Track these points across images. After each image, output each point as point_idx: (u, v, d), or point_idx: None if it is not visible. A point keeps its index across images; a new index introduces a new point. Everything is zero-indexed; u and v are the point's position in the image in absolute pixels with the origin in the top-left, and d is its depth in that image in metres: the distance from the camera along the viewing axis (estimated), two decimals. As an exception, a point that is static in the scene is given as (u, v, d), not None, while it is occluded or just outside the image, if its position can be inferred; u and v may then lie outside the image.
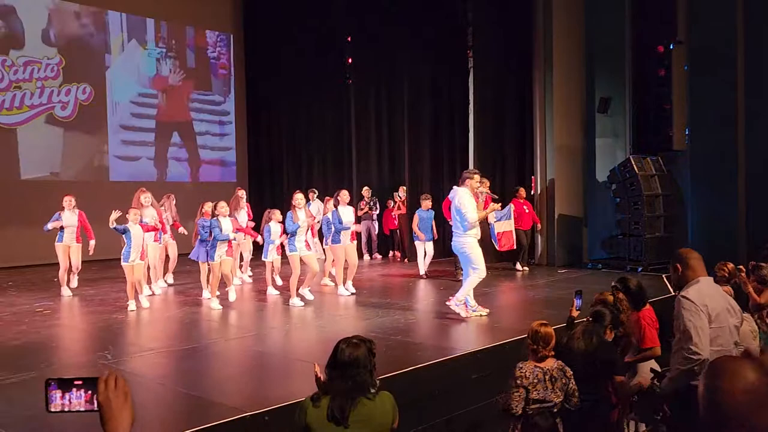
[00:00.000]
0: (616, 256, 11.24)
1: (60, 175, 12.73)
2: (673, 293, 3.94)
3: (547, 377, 3.70)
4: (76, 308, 8.27)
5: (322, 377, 3.00)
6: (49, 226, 8.66)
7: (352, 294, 8.83)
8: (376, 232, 13.17)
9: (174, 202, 9.74)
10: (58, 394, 1.55)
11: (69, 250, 8.71)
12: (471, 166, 12.38)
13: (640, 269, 10.34)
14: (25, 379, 5.03)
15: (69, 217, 8.67)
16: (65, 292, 8.79)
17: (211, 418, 4.03)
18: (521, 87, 11.90)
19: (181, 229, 9.50)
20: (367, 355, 2.86)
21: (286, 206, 8.98)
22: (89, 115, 13.24)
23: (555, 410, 3.67)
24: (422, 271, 10.29)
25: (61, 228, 8.65)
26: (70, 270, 8.82)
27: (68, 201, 8.76)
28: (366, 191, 12.97)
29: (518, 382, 3.65)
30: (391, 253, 13.40)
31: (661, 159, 11.20)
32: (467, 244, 7.07)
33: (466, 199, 6.98)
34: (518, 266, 11.01)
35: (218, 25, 15.20)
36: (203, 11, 14.78)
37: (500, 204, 7.91)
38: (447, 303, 7.25)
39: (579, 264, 11.46)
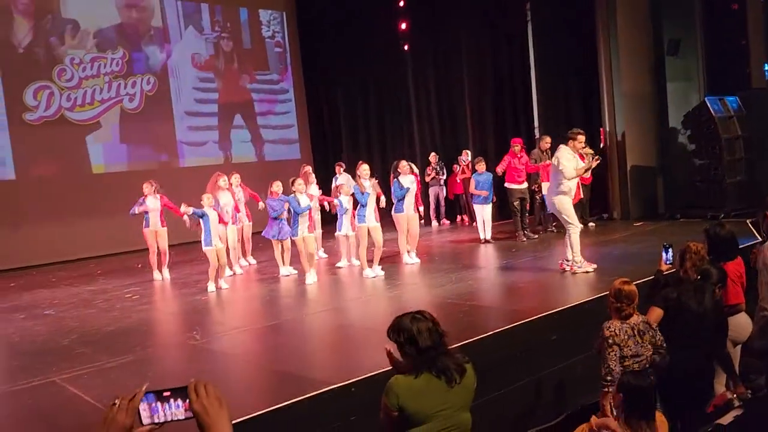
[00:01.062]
0: (695, 204, 10.77)
1: (133, 166, 13.24)
2: (761, 239, 3.77)
3: (636, 332, 3.67)
4: (162, 292, 8.65)
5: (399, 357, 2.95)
6: (136, 210, 8.97)
7: (415, 263, 8.83)
8: (444, 197, 13.12)
9: (239, 181, 9.81)
10: (146, 407, 1.56)
11: (156, 235, 9.05)
12: (536, 122, 12.10)
13: (722, 216, 9.88)
14: (123, 362, 5.32)
15: (152, 201, 8.99)
16: (156, 276, 9.17)
17: (300, 391, 4.15)
18: (584, 35, 11.40)
19: (261, 204, 9.60)
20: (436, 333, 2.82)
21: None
22: (156, 104, 13.66)
23: (647, 365, 3.62)
24: (482, 236, 10.15)
25: (146, 213, 8.99)
26: (158, 254, 9.16)
27: (148, 186, 9.01)
28: (433, 157, 12.88)
29: (610, 341, 3.60)
30: (458, 218, 13.32)
31: (740, 99, 10.58)
32: (558, 201, 7.15)
33: (566, 157, 7.04)
34: (590, 224, 10.81)
35: (270, 3, 15.25)
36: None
37: (599, 159, 7.84)
38: (563, 269, 7.33)
39: (656, 216, 11.06)
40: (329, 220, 10.47)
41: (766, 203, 3.43)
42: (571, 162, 7.06)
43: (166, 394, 1.56)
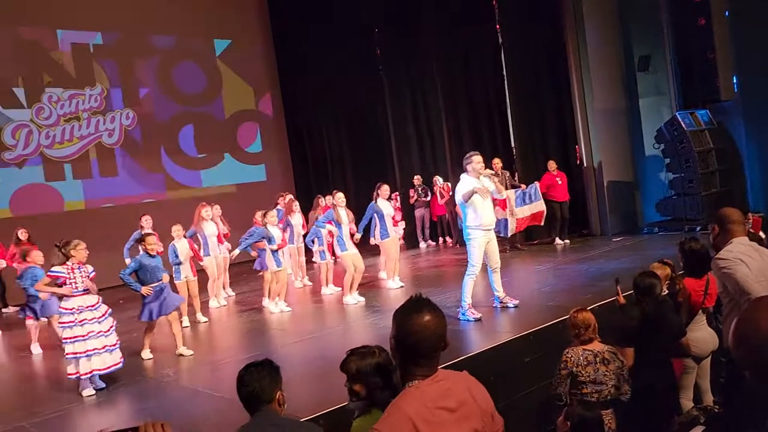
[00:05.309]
0: (672, 218, 10.87)
1: (115, 200, 13.21)
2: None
3: (598, 359, 3.66)
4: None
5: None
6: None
7: (398, 287, 8.85)
8: (429, 218, 13.23)
9: (220, 212, 9.82)
10: None
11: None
12: (512, 142, 12.21)
13: (698, 228, 9.97)
14: (97, 400, 5.27)
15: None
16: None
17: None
18: (555, 53, 11.56)
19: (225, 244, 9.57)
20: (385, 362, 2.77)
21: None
22: (136, 138, 13.68)
23: (608, 397, 3.61)
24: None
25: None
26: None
27: (146, 220, 9.01)
28: (417, 179, 13.05)
29: (562, 365, 3.62)
30: (440, 239, 13.38)
31: (710, 112, 10.74)
32: (469, 236, 6.61)
33: (462, 183, 6.57)
34: (557, 240, 10.93)
35: (246, 36, 15.37)
36: (229, 24, 14.98)
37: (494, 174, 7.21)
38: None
39: (634, 230, 11.15)
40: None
41: (716, 216, 3.46)
42: (467, 186, 6.47)
43: None
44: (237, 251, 8.21)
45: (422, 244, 13.18)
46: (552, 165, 11.04)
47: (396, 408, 1.84)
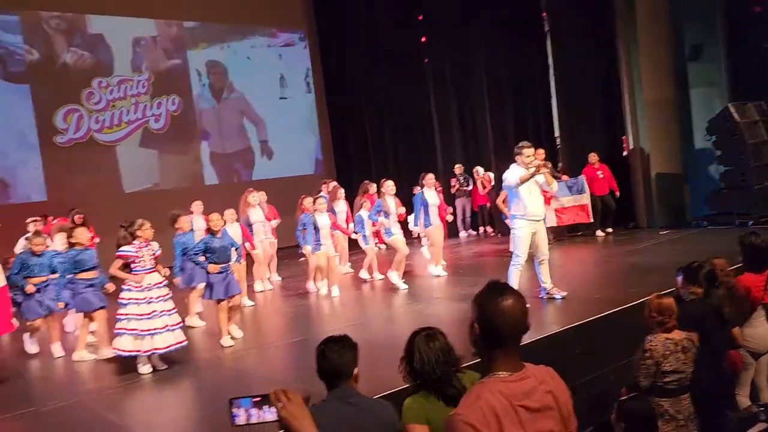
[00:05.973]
0: (722, 211, 10.59)
1: (160, 185, 13.50)
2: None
3: (679, 348, 3.61)
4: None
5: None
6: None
7: (441, 275, 8.86)
8: (470, 208, 13.18)
9: (265, 198, 9.94)
10: (240, 411, 1.72)
11: None
12: (557, 132, 12.05)
13: (750, 223, 9.71)
14: (163, 375, 5.41)
15: (198, 221, 9.15)
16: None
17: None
18: (603, 42, 11.33)
19: (274, 222, 9.70)
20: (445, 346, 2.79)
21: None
22: (180, 124, 13.93)
23: (687, 383, 3.58)
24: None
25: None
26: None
27: (197, 206, 9.18)
28: (458, 168, 13.00)
29: (647, 355, 3.56)
30: (481, 229, 13.32)
31: (765, 103, 10.41)
32: (514, 225, 6.62)
33: (510, 171, 6.55)
34: (598, 232, 10.79)
35: (290, 24, 15.47)
36: (274, 13, 15.09)
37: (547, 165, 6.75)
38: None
39: (682, 224, 10.91)
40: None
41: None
42: (516, 175, 6.44)
43: (256, 399, 1.72)
44: (308, 247, 8.19)
45: (462, 234, 13.14)
46: (593, 157, 10.85)
47: (479, 397, 1.83)
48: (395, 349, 5.34)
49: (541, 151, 10.53)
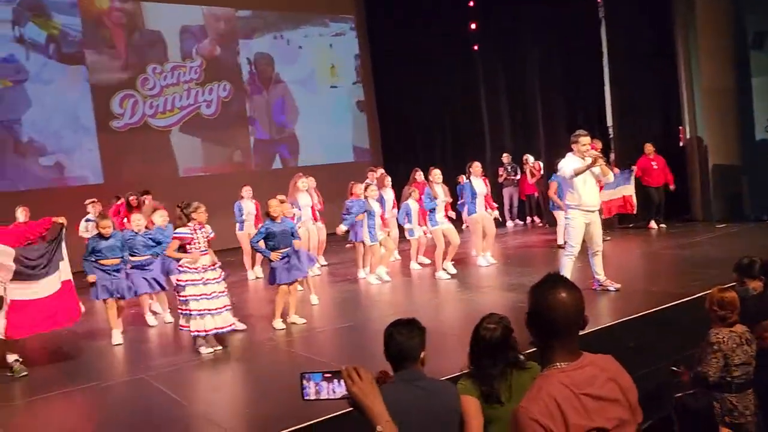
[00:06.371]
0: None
1: (210, 169, 13.75)
2: None
3: (743, 340, 3.55)
4: (255, 291, 8.94)
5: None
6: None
7: (489, 265, 8.80)
8: (517, 197, 13.05)
9: (314, 184, 10.03)
10: (311, 385, 1.76)
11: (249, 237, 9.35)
12: (609, 122, 11.79)
13: (813, 218, 9.35)
14: (214, 357, 5.56)
15: (248, 205, 9.35)
16: (250, 275, 9.54)
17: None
18: (661, 28, 11.00)
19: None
20: (506, 333, 2.79)
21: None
22: (231, 110, 14.15)
23: (751, 377, 3.50)
24: (560, 241, 9.99)
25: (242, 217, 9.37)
26: (253, 255, 9.45)
27: (247, 191, 9.42)
28: (506, 157, 12.86)
29: (714, 348, 3.49)
30: (528, 219, 13.18)
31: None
32: (568, 215, 6.57)
33: (566, 161, 6.46)
34: (652, 224, 10.54)
35: (340, 11, 15.49)
36: (323, 2, 15.14)
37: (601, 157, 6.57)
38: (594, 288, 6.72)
39: (740, 217, 10.57)
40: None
41: None
42: (570, 166, 6.37)
43: (327, 375, 1.75)
44: (343, 227, 8.31)
45: (509, 223, 13.02)
46: (649, 148, 10.57)
47: (540, 389, 1.81)
48: (443, 336, 5.38)
49: (599, 143, 10.35)
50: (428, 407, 2.49)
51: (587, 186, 6.42)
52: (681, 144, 10.97)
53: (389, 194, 9.82)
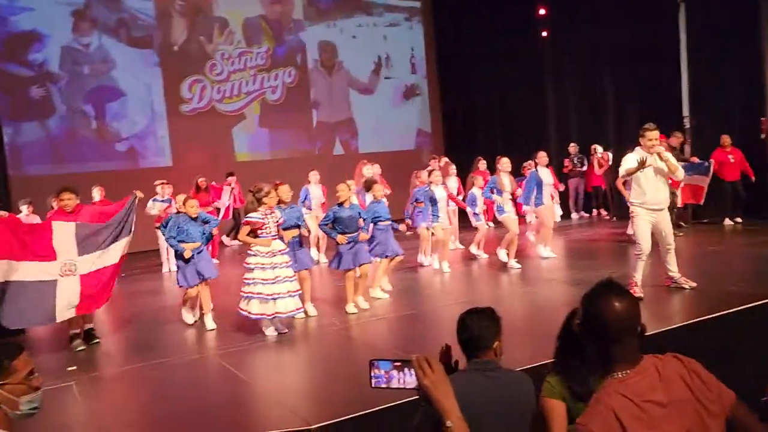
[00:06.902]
0: None
1: (274, 154, 13.95)
2: None
3: None
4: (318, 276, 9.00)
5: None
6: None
7: (550, 257, 8.64)
8: (583, 189, 12.71)
9: (379, 171, 10.00)
10: (380, 373, 1.72)
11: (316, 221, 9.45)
12: (685, 111, 11.29)
13: None
14: (267, 342, 5.65)
15: (314, 190, 9.47)
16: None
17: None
18: (743, 12, 10.39)
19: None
20: None
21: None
22: (295, 95, 14.29)
23: None
24: (630, 231, 9.65)
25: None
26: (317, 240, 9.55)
27: (314, 175, 9.51)
28: (573, 147, 12.51)
29: None
30: (595, 211, 12.81)
31: None
32: (633, 213, 6.24)
33: (629, 155, 6.18)
34: (726, 221, 10.05)
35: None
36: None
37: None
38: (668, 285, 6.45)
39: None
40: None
41: None
42: (631, 162, 6.03)
43: (397, 364, 1.70)
44: (424, 224, 8.31)
45: (574, 216, 12.72)
46: (725, 140, 10.07)
47: (599, 402, 1.73)
48: (504, 328, 5.24)
49: (678, 134, 9.94)
50: (500, 397, 2.45)
51: (651, 182, 6.08)
52: (763, 136, 10.39)
53: (453, 182, 9.73)
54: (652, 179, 6.08)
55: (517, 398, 2.52)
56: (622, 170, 6.17)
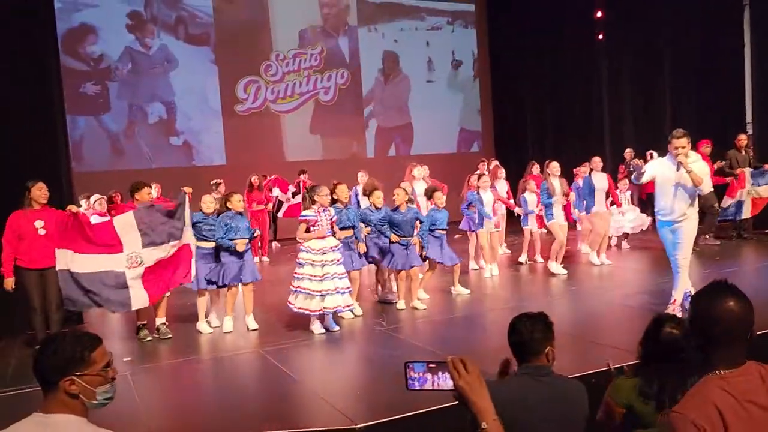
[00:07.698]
0: None
1: (325, 155, 14.10)
2: None
3: None
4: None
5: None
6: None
7: (602, 265, 8.51)
8: (637, 197, 12.37)
9: (428, 173, 9.97)
10: (415, 375, 1.71)
11: None
12: (748, 119, 10.88)
13: None
14: (301, 342, 5.72)
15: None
16: None
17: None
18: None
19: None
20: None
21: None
22: (348, 97, 14.42)
23: None
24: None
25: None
26: None
27: (362, 177, 9.67)
28: (628, 153, 12.19)
29: None
30: (650, 219, 12.43)
31: None
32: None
33: (649, 164, 5.98)
34: None
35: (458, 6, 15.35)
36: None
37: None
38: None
39: None
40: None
41: None
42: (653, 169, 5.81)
43: (431, 366, 1.69)
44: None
45: (628, 223, 12.37)
46: None
47: (699, 394, 1.72)
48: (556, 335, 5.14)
49: (743, 137, 9.63)
50: (549, 403, 2.43)
51: (665, 192, 5.74)
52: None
53: (502, 186, 9.65)
54: (665, 189, 5.73)
55: (571, 404, 2.51)
56: (633, 178, 6.01)
